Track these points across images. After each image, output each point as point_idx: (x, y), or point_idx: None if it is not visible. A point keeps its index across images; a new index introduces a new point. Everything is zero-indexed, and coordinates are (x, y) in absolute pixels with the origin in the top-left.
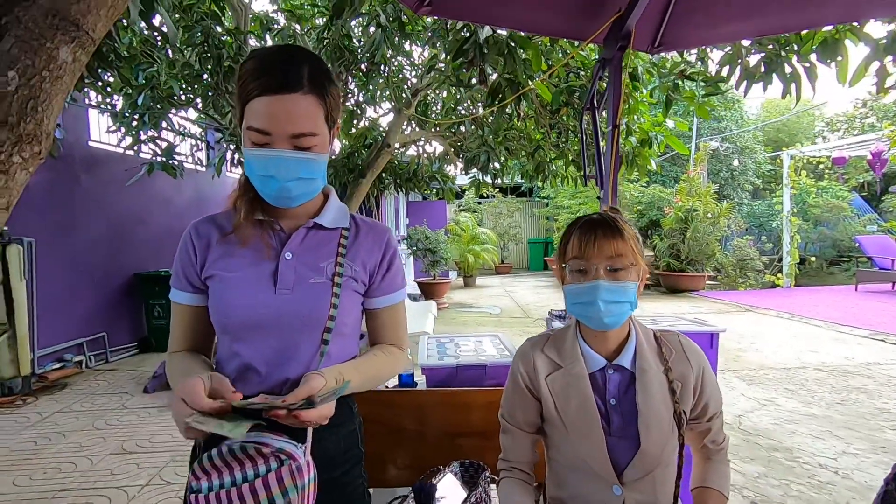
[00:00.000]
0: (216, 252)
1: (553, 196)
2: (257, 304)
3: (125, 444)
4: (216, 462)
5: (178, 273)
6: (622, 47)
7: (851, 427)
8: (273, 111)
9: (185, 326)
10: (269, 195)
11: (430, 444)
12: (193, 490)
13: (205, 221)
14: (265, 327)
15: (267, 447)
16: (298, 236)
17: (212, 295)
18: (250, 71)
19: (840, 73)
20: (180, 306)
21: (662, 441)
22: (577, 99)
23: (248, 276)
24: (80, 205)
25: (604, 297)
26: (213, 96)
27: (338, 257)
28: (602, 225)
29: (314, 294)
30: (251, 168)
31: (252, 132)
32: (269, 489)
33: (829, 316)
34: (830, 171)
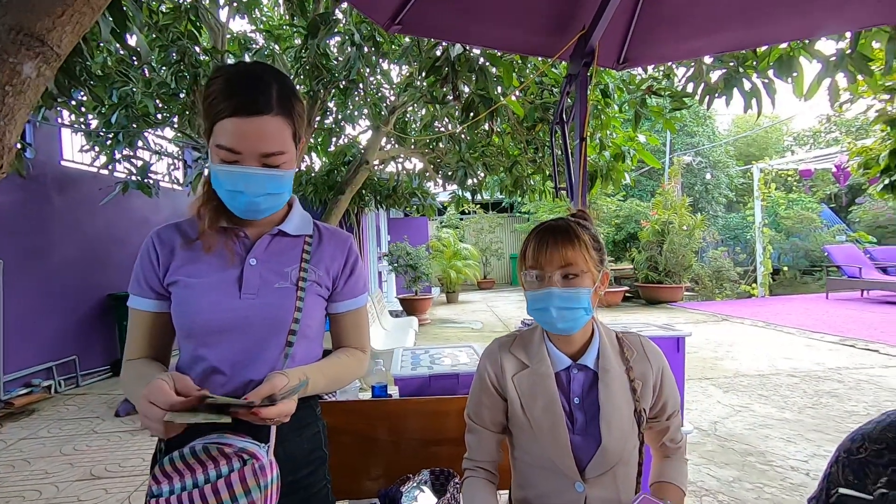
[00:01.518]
0: (180, 258)
1: (534, 211)
2: (223, 308)
3: (93, 470)
4: (178, 465)
5: (139, 280)
6: (587, 63)
7: (822, 430)
8: (243, 132)
9: (145, 333)
10: (238, 209)
11: (403, 453)
12: (154, 494)
13: (167, 228)
14: (231, 331)
15: (230, 447)
16: (263, 243)
17: (176, 301)
18: (219, 90)
19: (796, 88)
20: (141, 313)
21: (623, 438)
22: (552, 115)
23: (213, 282)
24: (52, 225)
25: (556, 304)
26: (189, 115)
27: (302, 263)
28: (556, 232)
29: (279, 298)
30: (220, 183)
31: (221, 150)
32: (232, 488)
33: (802, 323)
34: (799, 183)
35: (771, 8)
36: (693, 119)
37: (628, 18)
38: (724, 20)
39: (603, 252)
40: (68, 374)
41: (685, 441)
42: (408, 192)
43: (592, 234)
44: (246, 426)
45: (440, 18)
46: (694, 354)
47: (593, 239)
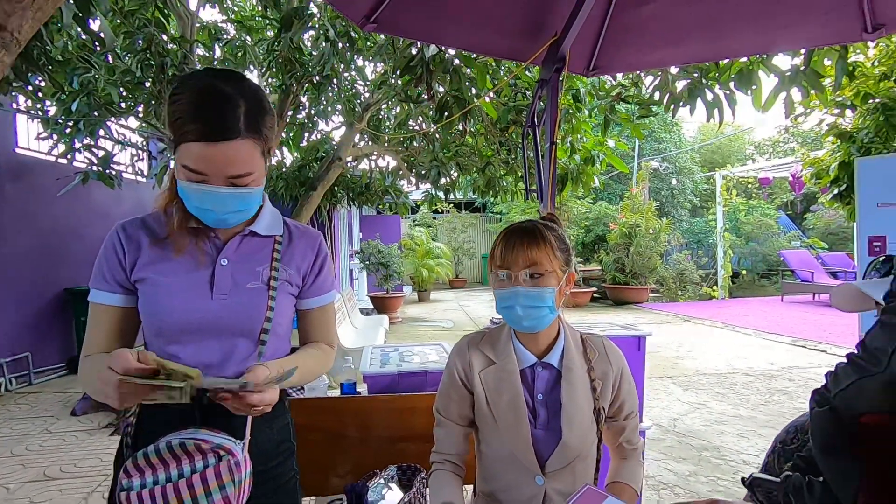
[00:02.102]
0: (148, 255)
1: (506, 212)
2: (195, 308)
3: (47, 471)
4: (152, 459)
5: (102, 274)
6: (558, 69)
7: (773, 426)
8: (209, 156)
9: (109, 329)
10: (207, 222)
11: (371, 449)
12: (124, 488)
13: (133, 222)
14: (203, 331)
15: (206, 443)
16: (234, 243)
17: (145, 298)
18: (185, 111)
19: (755, 100)
20: (104, 308)
21: (582, 434)
22: (524, 117)
23: (184, 282)
24: (4, 215)
25: (522, 302)
26: (155, 105)
27: (273, 262)
28: (523, 233)
29: (251, 298)
30: (187, 198)
31: (187, 171)
32: (207, 483)
33: (758, 325)
34: (758, 190)
35: (731, 24)
36: (661, 126)
37: (598, 27)
38: (688, 33)
39: (569, 254)
40: (20, 372)
41: (643, 444)
42: (381, 190)
43: (559, 236)
44: (220, 422)
45: (415, 19)
46: (656, 353)
47: (559, 241)
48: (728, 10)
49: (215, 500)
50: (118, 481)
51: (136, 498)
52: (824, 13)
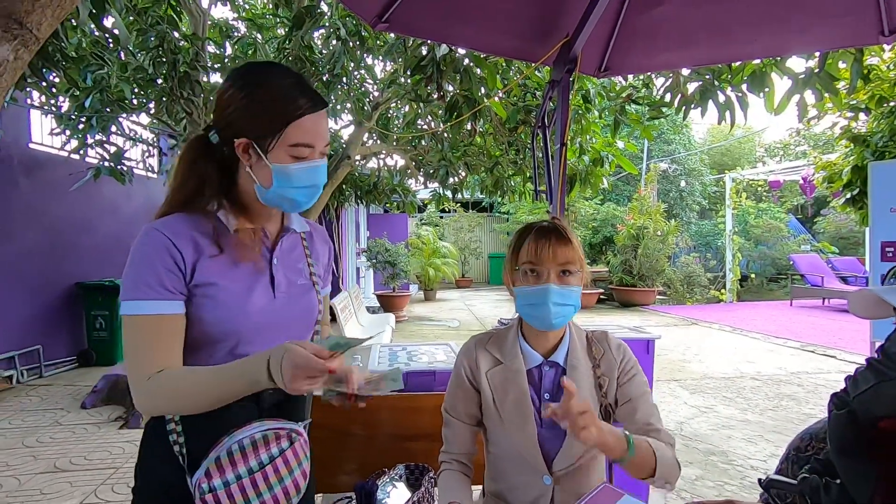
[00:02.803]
0: (208, 259)
1: (513, 212)
2: (266, 310)
3: (58, 462)
4: (235, 457)
5: (157, 281)
6: (569, 70)
7: (781, 431)
8: (317, 127)
9: (171, 339)
10: (301, 202)
11: (378, 448)
12: (208, 490)
13: (175, 226)
14: (271, 330)
15: (282, 430)
16: (280, 242)
17: (213, 304)
18: (286, 93)
19: (767, 103)
20: (166, 318)
21: None
22: (534, 118)
23: (252, 284)
24: (18, 209)
25: (554, 300)
26: (166, 101)
27: (307, 258)
28: (555, 232)
29: (303, 294)
30: (290, 182)
31: (298, 148)
32: (288, 464)
33: (766, 329)
34: (768, 193)
35: (744, 26)
36: (670, 127)
37: (610, 29)
38: (700, 35)
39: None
40: (31, 365)
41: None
42: (388, 189)
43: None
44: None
45: (427, 19)
46: (664, 357)
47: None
48: (741, 12)
49: (296, 475)
50: (197, 485)
51: (224, 496)
52: (840, 16)
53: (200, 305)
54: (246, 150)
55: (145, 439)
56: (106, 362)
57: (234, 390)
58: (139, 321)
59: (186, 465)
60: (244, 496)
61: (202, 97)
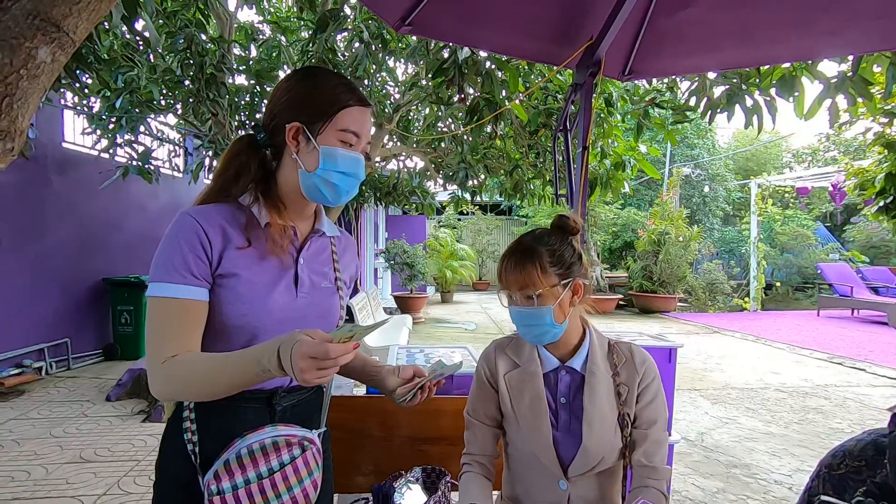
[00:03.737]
0: (235, 251)
1: (532, 215)
2: (287, 307)
3: (83, 453)
4: (244, 461)
5: (184, 266)
6: (593, 73)
7: (807, 446)
8: (364, 120)
9: (192, 325)
10: (342, 189)
11: (395, 450)
12: (216, 493)
13: (208, 214)
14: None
15: (294, 437)
16: (308, 243)
17: (235, 295)
18: (339, 84)
19: (797, 108)
20: (196, 304)
21: (605, 440)
22: (555, 121)
23: (275, 280)
24: (50, 206)
25: (520, 321)
26: (193, 102)
27: (334, 263)
28: (515, 255)
29: (326, 297)
30: (334, 165)
31: (347, 133)
32: (298, 472)
33: (792, 339)
34: (795, 200)
35: (773, 29)
36: (694, 132)
37: (635, 32)
38: (727, 39)
39: (570, 265)
40: (59, 357)
41: (667, 472)
42: (407, 190)
43: (554, 250)
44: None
45: (450, 22)
46: (684, 365)
47: (553, 255)
48: (770, 15)
49: (305, 485)
50: (206, 486)
51: (231, 499)
52: (874, 18)
53: (222, 296)
54: (296, 136)
55: (165, 435)
56: (130, 356)
57: (246, 377)
58: (163, 303)
59: (199, 463)
60: (251, 501)
61: (227, 98)
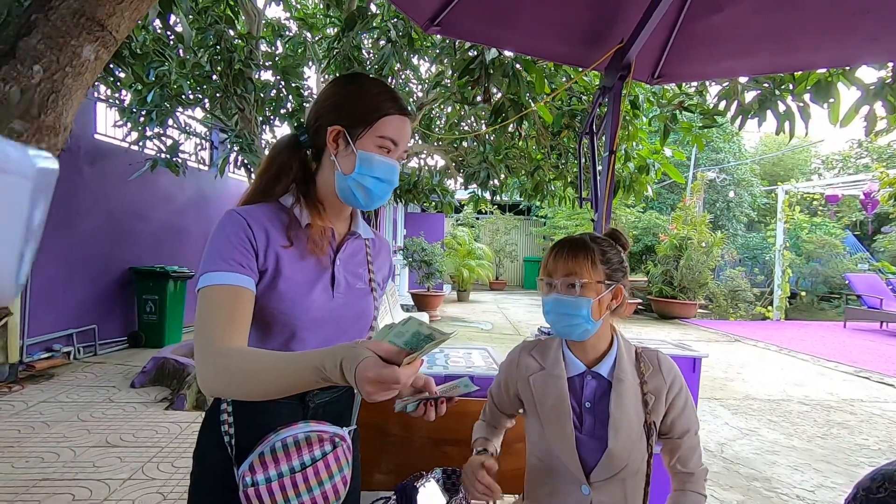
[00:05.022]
0: (277, 248)
1: (551, 216)
2: (322, 307)
3: (109, 438)
4: (278, 455)
5: (233, 257)
6: (622, 77)
7: (830, 461)
8: (404, 129)
9: (247, 316)
10: (375, 195)
11: (415, 450)
12: (250, 484)
13: (253, 213)
14: (325, 328)
15: (325, 433)
16: (345, 244)
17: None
18: (382, 92)
19: (832, 115)
20: (244, 292)
21: (630, 446)
22: (578, 122)
23: (314, 280)
24: (82, 196)
25: (556, 309)
26: (221, 97)
27: (369, 265)
28: (570, 244)
29: (361, 299)
30: (370, 170)
31: (385, 140)
32: (329, 468)
33: (816, 351)
34: (824, 207)
35: (812, 34)
36: (720, 135)
37: (666, 35)
38: (762, 43)
39: (617, 270)
40: (87, 343)
41: (704, 471)
42: (427, 189)
43: (605, 250)
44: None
45: (478, 22)
46: (704, 373)
47: (604, 255)
48: (807, 19)
49: (336, 482)
50: (241, 477)
51: (265, 491)
52: None
53: (262, 293)
54: (336, 139)
55: (204, 425)
56: (154, 345)
57: (303, 382)
58: (214, 291)
59: (234, 455)
60: (283, 495)
61: (253, 94)
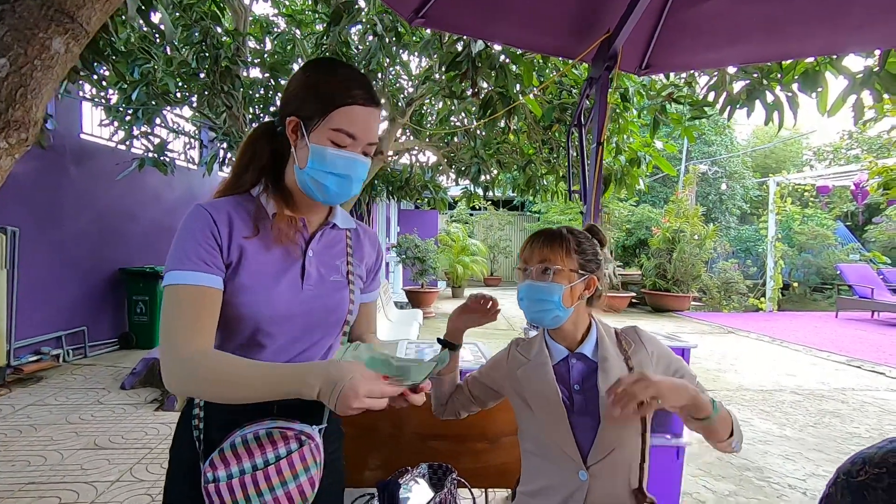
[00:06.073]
0: (240, 242)
1: (544, 211)
2: (290, 300)
3: (97, 440)
4: (238, 450)
5: (198, 255)
6: (609, 67)
7: (822, 450)
8: (365, 120)
9: (212, 315)
10: (332, 191)
11: (403, 446)
12: (210, 480)
13: (218, 206)
14: (293, 321)
15: (290, 430)
16: (318, 235)
17: (238, 288)
18: (345, 78)
19: (820, 104)
20: (208, 291)
21: (623, 420)
22: (569, 116)
23: (280, 273)
24: (68, 196)
25: (529, 294)
26: (208, 95)
27: (348, 257)
28: (546, 234)
29: (335, 291)
30: (323, 165)
31: (340, 134)
32: (293, 467)
33: (809, 341)
34: (815, 199)
35: (798, 23)
36: (711, 128)
37: (653, 25)
38: (749, 32)
39: (591, 261)
40: (77, 345)
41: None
42: (420, 185)
43: (580, 241)
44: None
45: (464, 15)
46: (697, 365)
47: (579, 245)
48: (795, 7)
49: (301, 482)
50: (203, 474)
51: (225, 488)
52: None
53: (228, 286)
54: (295, 130)
55: (178, 423)
56: (145, 345)
57: (276, 392)
58: (177, 291)
59: (202, 451)
60: (244, 493)
61: (241, 91)
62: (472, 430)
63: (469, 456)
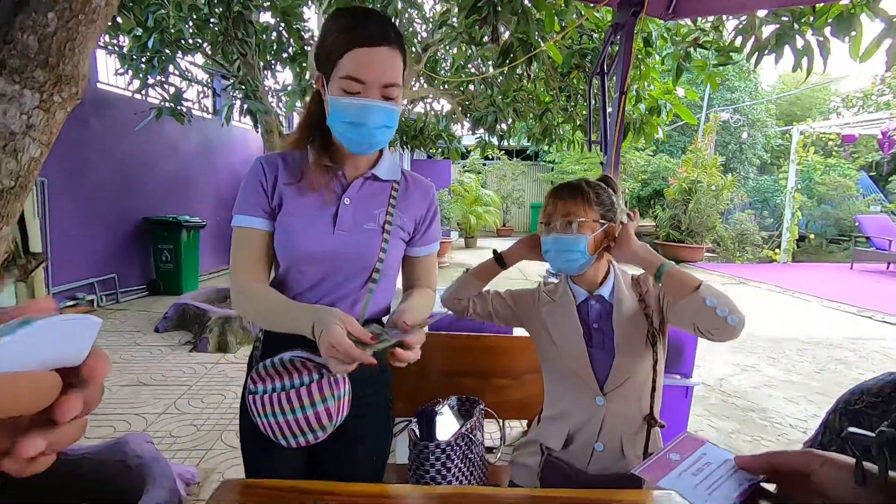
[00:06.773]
0: (284, 190)
1: (559, 161)
2: (318, 242)
3: (140, 378)
4: (270, 371)
5: (248, 201)
6: (636, 12)
7: (826, 394)
8: (369, 61)
9: (260, 252)
10: (354, 140)
11: (431, 382)
12: (251, 392)
13: (271, 158)
14: (323, 263)
15: (311, 362)
16: (357, 184)
17: (279, 230)
18: (345, 25)
19: (853, 49)
20: (256, 232)
21: (635, 354)
22: (589, 62)
23: (312, 217)
24: (90, 147)
25: (556, 247)
26: (221, 42)
27: (389, 207)
28: (568, 189)
29: (367, 238)
30: (340, 115)
31: (348, 80)
32: (311, 396)
33: (821, 292)
34: (840, 148)
35: None
36: (735, 74)
37: None
38: None
39: (609, 210)
40: (109, 291)
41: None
42: (434, 134)
43: (599, 193)
44: None
45: None
46: None
47: (599, 197)
48: None
49: (319, 411)
50: (247, 384)
51: (259, 400)
52: None
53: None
54: (323, 86)
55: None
56: (173, 292)
57: (292, 327)
58: (235, 232)
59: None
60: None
61: (255, 38)
62: (496, 367)
63: (492, 391)
